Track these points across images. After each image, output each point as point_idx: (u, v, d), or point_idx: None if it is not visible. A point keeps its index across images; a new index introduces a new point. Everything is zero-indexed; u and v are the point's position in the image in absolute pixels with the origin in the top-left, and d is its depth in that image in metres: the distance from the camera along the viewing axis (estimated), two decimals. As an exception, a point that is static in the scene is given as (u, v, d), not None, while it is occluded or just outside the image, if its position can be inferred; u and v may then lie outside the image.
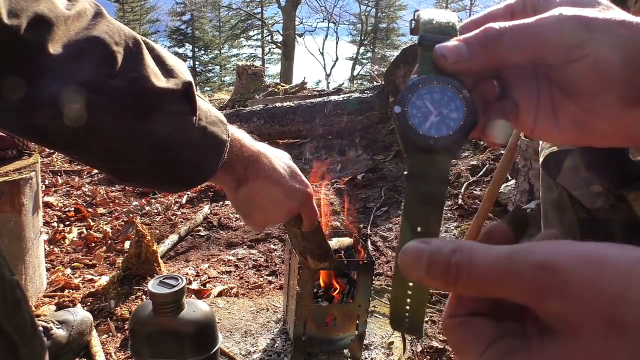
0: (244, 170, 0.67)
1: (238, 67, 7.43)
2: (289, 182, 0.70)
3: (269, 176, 0.68)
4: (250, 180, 0.67)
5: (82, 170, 3.93)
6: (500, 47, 0.34)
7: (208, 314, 1.20)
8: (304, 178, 0.74)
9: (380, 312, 1.83)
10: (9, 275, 0.64)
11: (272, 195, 0.69)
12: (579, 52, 0.33)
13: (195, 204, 3.23)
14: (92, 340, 1.64)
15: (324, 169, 3.30)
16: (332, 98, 4.48)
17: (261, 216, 0.71)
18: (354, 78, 22.98)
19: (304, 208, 0.73)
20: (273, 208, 0.71)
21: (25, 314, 0.66)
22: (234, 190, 0.68)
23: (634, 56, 0.33)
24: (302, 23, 24.72)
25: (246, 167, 0.67)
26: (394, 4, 25.71)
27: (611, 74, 0.33)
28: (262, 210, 0.70)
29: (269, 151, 0.71)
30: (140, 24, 24.84)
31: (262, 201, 0.69)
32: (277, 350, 1.58)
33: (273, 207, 0.70)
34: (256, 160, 0.68)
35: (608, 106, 0.35)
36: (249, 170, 0.67)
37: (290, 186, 0.70)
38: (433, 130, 0.33)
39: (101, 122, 0.52)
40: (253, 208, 0.70)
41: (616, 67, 0.33)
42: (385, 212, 2.88)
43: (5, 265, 0.64)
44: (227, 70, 26.37)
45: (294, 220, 0.76)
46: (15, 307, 0.63)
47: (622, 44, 0.33)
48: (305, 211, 0.74)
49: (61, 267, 2.26)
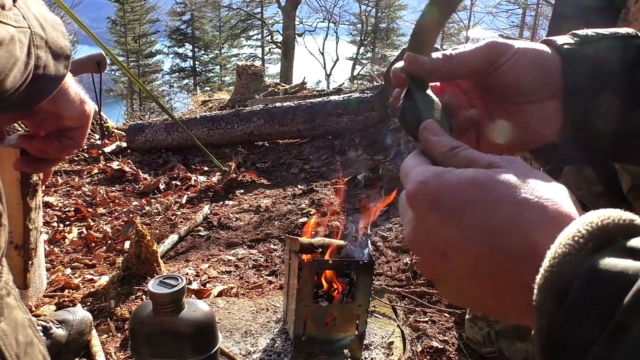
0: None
1: (238, 67, 7.43)
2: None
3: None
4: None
5: (82, 170, 3.93)
6: (453, 62, 0.51)
7: (208, 314, 1.20)
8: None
9: (380, 312, 1.83)
10: (21, 316, 0.64)
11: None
12: (500, 60, 0.51)
13: (195, 204, 3.23)
14: (92, 340, 1.64)
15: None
16: (332, 98, 4.47)
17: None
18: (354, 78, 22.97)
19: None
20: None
21: (38, 355, 0.65)
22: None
23: (535, 65, 0.51)
24: (302, 23, 24.73)
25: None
26: (394, 4, 25.71)
27: (521, 73, 0.51)
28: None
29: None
30: (140, 24, 24.83)
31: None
32: (277, 350, 1.58)
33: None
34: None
35: (524, 95, 0.51)
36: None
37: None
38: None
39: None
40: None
41: (522, 68, 0.50)
42: (385, 212, 2.88)
43: (19, 306, 0.64)
44: (227, 70, 26.37)
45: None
46: (28, 348, 0.63)
47: (527, 56, 0.51)
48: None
49: (61, 267, 2.26)
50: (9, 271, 0.63)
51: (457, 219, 0.37)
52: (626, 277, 0.28)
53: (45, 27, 0.58)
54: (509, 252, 0.35)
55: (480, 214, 0.36)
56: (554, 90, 0.51)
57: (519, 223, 0.35)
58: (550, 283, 0.31)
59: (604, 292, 0.29)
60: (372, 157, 3.81)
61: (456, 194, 0.37)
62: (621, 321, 0.27)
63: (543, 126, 0.53)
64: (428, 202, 0.39)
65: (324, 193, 3.30)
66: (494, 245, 0.35)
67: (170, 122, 4.29)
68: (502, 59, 0.51)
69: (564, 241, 0.32)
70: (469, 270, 0.37)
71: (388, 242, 2.54)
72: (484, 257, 0.36)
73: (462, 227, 0.37)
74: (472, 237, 0.36)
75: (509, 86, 0.52)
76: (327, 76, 24.21)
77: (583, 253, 0.31)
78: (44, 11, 0.60)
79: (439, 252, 0.38)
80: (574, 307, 0.29)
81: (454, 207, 0.37)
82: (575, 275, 0.30)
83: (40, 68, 0.57)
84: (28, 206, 1.45)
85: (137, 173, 3.81)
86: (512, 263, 0.35)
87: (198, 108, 8.21)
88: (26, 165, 0.74)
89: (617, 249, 0.30)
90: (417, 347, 1.66)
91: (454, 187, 0.37)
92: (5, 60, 0.50)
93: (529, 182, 0.36)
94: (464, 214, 0.36)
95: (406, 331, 1.72)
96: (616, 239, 0.31)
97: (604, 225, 0.32)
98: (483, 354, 1.61)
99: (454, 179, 0.38)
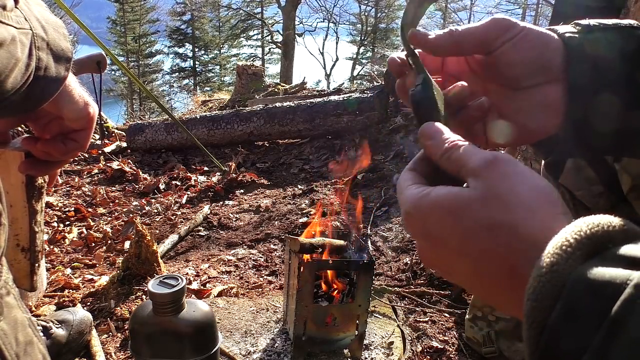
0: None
1: (238, 67, 7.43)
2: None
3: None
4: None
5: (82, 170, 3.93)
6: (458, 34, 0.51)
7: (208, 314, 1.20)
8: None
9: (380, 312, 1.83)
10: (21, 315, 0.64)
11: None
12: (506, 36, 0.50)
13: (195, 204, 3.23)
14: (92, 340, 1.64)
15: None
16: (332, 98, 4.47)
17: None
18: (354, 78, 22.98)
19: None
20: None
21: (38, 354, 0.65)
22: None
23: (539, 44, 0.51)
24: (302, 23, 24.73)
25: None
26: (394, 4, 25.70)
27: (525, 51, 0.50)
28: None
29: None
30: (140, 24, 24.83)
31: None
32: (277, 350, 1.58)
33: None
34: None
35: (526, 77, 0.51)
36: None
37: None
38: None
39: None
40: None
41: (527, 46, 0.50)
42: (385, 212, 2.88)
43: (19, 306, 0.64)
44: (227, 70, 26.37)
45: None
46: (27, 347, 0.63)
47: (532, 35, 0.50)
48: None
49: (61, 267, 2.26)
50: (8, 270, 0.63)
51: (443, 247, 0.40)
52: (614, 286, 0.28)
53: (46, 28, 0.58)
54: (492, 277, 0.37)
55: (457, 245, 0.38)
56: (555, 75, 0.51)
57: (495, 249, 0.36)
58: (539, 292, 0.31)
59: (592, 302, 0.29)
60: (372, 157, 3.81)
61: (434, 225, 0.40)
62: (610, 331, 0.27)
63: (544, 115, 0.52)
64: (415, 231, 0.42)
65: (324, 193, 3.30)
66: (478, 272, 0.38)
67: (170, 122, 4.29)
68: (508, 34, 0.50)
69: (552, 250, 0.32)
70: (470, 286, 0.41)
71: (388, 242, 2.54)
72: (474, 281, 0.39)
73: (449, 254, 0.39)
74: (459, 263, 0.39)
75: (512, 65, 0.51)
76: (327, 76, 24.21)
77: (571, 262, 0.30)
78: (46, 13, 0.60)
79: (444, 270, 0.42)
80: (562, 317, 0.29)
81: (436, 237, 0.40)
82: (564, 285, 0.30)
83: (41, 69, 0.57)
84: (34, 208, 1.45)
85: (137, 173, 3.81)
86: (499, 287, 0.37)
87: (198, 108, 8.21)
88: (31, 167, 0.75)
89: (607, 257, 0.30)
90: (417, 347, 1.66)
91: (431, 218, 0.40)
92: (6, 61, 0.50)
93: (502, 197, 0.37)
94: (447, 244, 0.39)
95: (406, 331, 1.72)
96: (606, 247, 0.31)
97: (593, 234, 0.32)
98: (483, 354, 1.61)
99: (429, 207, 0.40)
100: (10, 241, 1.41)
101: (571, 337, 0.29)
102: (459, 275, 0.41)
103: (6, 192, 0.65)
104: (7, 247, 0.63)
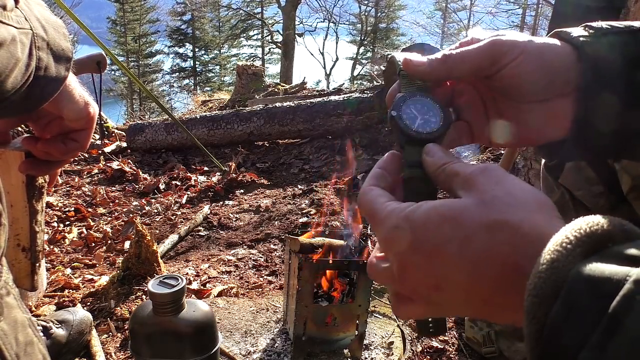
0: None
1: (238, 67, 7.43)
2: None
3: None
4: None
5: (82, 170, 3.93)
6: (452, 61, 0.49)
7: (208, 314, 1.20)
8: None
9: (380, 312, 1.83)
10: (21, 315, 0.64)
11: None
12: (503, 61, 0.48)
13: (195, 204, 3.23)
14: (92, 340, 1.64)
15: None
16: (332, 98, 4.47)
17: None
18: (354, 78, 22.98)
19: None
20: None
21: (38, 354, 0.65)
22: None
23: (541, 65, 0.48)
24: (302, 23, 24.72)
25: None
26: (394, 4, 25.72)
27: (526, 75, 0.48)
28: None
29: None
30: (140, 24, 24.83)
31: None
32: (277, 350, 1.58)
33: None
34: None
35: (531, 96, 0.49)
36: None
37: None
38: (421, 129, 0.47)
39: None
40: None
41: (528, 69, 0.47)
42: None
43: (19, 306, 0.64)
44: (227, 70, 26.37)
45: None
46: (27, 347, 0.64)
47: (533, 57, 0.48)
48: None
49: (61, 267, 2.26)
50: (9, 271, 0.63)
51: (439, 256, 0.38)
52: (614, 282, 0.28)
53: (47, 28, 0.58)
54: (494, 278, 0.36)
55: (457, 249, 0.37)
56: (565, 89, 0.49)
57: (495, 249, 0.36)
58: (539, 288, 0.31)
59: (591, 298, 0.29)
60: (372, 157, 3.81)
61: (430, 233, 0.39)
62: (609, 327, 0.27)
63: (549, 125, 0.51)
64: (407, 246, 0.40)
65: (324, 193, 3.30)
66: (479, 275, 0.37)
67: (170, 122, 4.29)
68: (505, 59, 0.48)
69: (552, 247, 0.32)
70: (464, 298, 0.39)
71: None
72: (472, 287, 0.38)
73: (445, 263, 0.38)
74: (457, 271, 0.38)
75: (512, 88, 0.49)
76: (327, 76, 24.20)
77: (571, 259, 0.31)
78: (46, 13, 0.60)
79: (433, 286, 0.40)
80: (562, 313, 0.30)
81: (432, 246, 0.38)
82: (564, 281, 0.30)
83: (42, 69, 0.57)
84: (34, 208, 1.45)
85: (137, 173, 3.81)
86: (500, 288, 0.36)
87: (198, 108, 8.21)
88: (31, 167, 0.75)
89: (606, 255, 0.31)
90: (417, 347, 1.66)
91: (426, 227, 0.39)
92: (7, 61, 0.50)
93: (500, 198, 0.37)
94: (444, 251, 0.38)
95: (406, 331, 1.72)
96: (606, 245, 0.32)
97: (593, 232, 0.32)
98: (483, 354, 1.61)
99: (423, 218, 0.39)
100: (10, 241, 1.42)
101: (571, 332, 0.29)
102: (450, 290, 0.39)
103: (7, 192, 0.65)
104: (7, 247, 0.63)
